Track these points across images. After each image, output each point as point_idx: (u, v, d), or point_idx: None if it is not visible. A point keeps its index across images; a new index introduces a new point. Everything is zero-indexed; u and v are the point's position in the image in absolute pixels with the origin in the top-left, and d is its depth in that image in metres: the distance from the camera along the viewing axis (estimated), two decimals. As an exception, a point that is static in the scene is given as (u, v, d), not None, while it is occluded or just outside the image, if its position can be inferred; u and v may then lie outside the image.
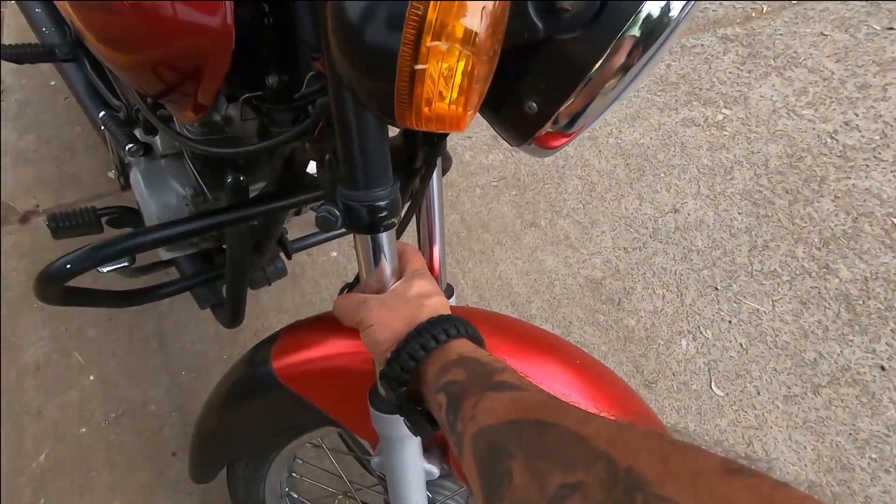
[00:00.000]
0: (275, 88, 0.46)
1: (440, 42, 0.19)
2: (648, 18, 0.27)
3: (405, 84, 0.21)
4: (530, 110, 0.32)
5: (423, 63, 0.20)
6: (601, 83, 0.30)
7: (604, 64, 0.29)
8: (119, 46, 0.45)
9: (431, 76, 0.20)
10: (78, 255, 0.52)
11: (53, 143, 1.52)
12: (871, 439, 1.09)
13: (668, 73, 1.68)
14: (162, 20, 0.40)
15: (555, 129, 0.34)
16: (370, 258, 0.40)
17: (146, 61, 0.44)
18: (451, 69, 0.20)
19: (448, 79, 0.20)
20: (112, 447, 1.07)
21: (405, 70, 0.20)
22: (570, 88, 0.30)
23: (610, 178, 1.46)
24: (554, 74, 0.30)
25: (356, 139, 0.33)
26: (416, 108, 0.22)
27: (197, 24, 0.39)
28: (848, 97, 1.62)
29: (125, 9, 0.41)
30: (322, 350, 0.55)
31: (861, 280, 1.28)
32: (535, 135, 0.34)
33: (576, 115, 0.32)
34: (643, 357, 1.18)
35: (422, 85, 0.21)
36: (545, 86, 0.31)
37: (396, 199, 0.37)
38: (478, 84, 0.22)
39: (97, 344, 1.19)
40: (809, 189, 1.43)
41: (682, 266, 1.31)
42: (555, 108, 0.31)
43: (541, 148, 0.36)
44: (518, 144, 0.36)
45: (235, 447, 0.66)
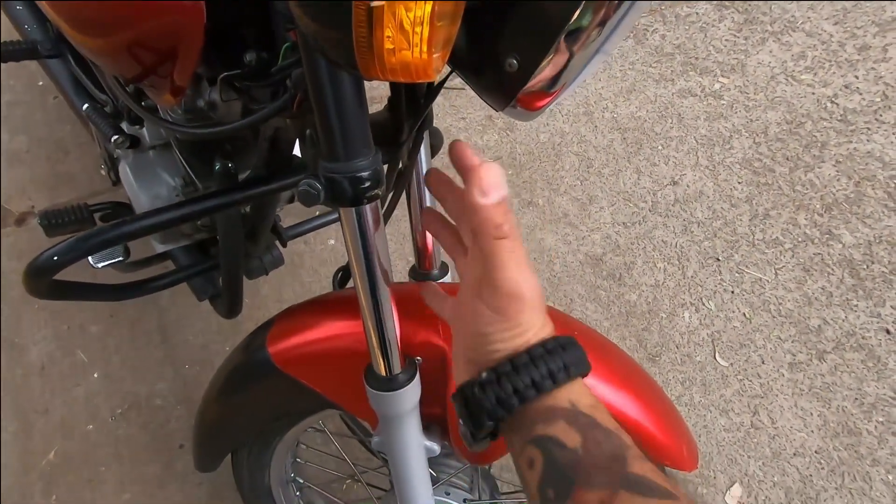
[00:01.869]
0: (253, 65, 0.44)
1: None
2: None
3: (363, 27, 0.20)
4: (511, 68, 0.31)
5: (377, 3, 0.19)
6: (580, 36, 0.29)
7: (581, 15, 0.28)
8: (91, 31, 0.44)
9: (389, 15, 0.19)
10: (63, 246, 0.51)
11: (45, 142, 1.51)
12: (877, 403, 1.08)
13: (664, 44, 1.65)
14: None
15: (538, 88, 0.33)
16: (356, 234, 0.39)
17: (119, 44, 0.43)
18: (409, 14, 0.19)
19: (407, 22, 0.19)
20: (120, 441, 1.08)
21: (362, 10, 0.19)
22: (550, 42, 0.29)
23: (607, 153, 1.45)
24: (532, 29, 0.29)
25: (333, 107, 0.32)
26: (377, 54, 0.21)
27: (167, 1, 0.38)
28: (847, 60, 1.58)
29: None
30: (317, 333, 0.55)
31: (864, 244, 1.27)
32: (517, 94, 0.33)
33: (557, 71, 0.31)
34: (646, 331, 1.18)
35: (381, 27, 0.19)
36: (524, 42, 0.30)
37: (379, 169, 0.36)
38: (442, 22, 0.21)
39: (100, 341, 1.20)
40: (810, 155, 1.41)
41: (683, 238, 1.30)
42: (535, 64, 0.30)
43: (525, 109, 0.35)
44: (502, 107, 0.35)
45: (237, 435, 0.66)
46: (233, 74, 0.45)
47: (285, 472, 0.74)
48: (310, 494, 0.80)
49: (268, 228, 0.83)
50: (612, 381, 0.52)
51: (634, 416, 0.52)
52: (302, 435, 0.70)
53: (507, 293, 0.32)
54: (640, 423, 0.52)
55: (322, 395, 0.56)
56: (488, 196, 0.31)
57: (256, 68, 0.44)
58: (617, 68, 1.60)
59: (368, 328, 0.43)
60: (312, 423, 0.66)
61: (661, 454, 0.53)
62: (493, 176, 0.31)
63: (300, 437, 0.71)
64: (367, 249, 0.39)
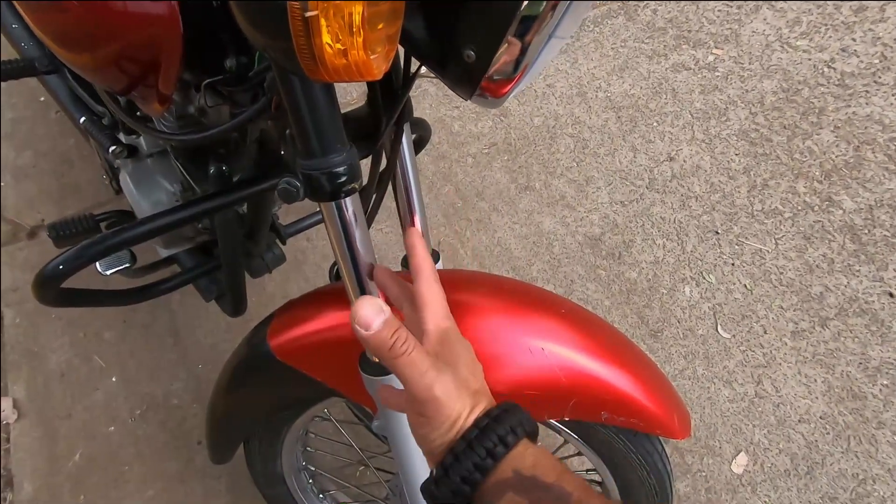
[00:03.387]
0: (234, 71, 0.46)
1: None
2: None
3: (302, 36, 0.21)
4: (469, 59, 0.32)
5: (312, 10, 0.20)
6: (532, 23, 0.30)
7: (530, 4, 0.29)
8: (75, 46, 0.46)
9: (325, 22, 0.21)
10: (69, 254, 0.54)
11: (50, 156, 1.54)
12: (882, 366, 1.08)
13: (655, 19, 1.64)
14: (110, 13, 0.41)
15: (499, 76, 0.34)
16: (338, 227, 0.41)
17: (102, 58, 0.45)
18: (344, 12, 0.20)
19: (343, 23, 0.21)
20: (140, 441, 1.12)
21: (297, 20, 0.20)
22: (502, 31, 0.30)
23: (602, 132, 1.45)
24: (485, 19, 0.30)
25: (304, 107, 0.34)
26: (319, 59, 0.22)
27: (143, 14, 0.40)
28: (844, 22, 1.56)
29: (73, 6, 0.41)
30: (314, 325, 0.57)
31: (865, 209, 1.26)
32: (479, 83, 0.34)
33: (515, 58, 0.32)
34: (647, 308, 1.19)
35: (319, 34, 0.21)
36: (479, 32, 0.31)
37: (354, 164, 0.38)
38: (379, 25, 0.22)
39: (115, 346, 1.23)
40: (808, 122, 1.40)
41: (681, 214, 1.30)
42: (492, 54, 0.31)
43: (491, 97, 0.36)
44: (469, 96, 0.37)
45: (246, 426, 0.69)
46: (215, 80, 0.47)
47: (296, 460, 0.77)
48: (321, 481, 0.83)
49: (266, 227, 0.85)
50: (602, 356, 0.54)
51: (624, 389, 0.54)
52: (310, 424, 0.73)
53: (421, 401, 0.35)
54: (631, 395, 0.54)
55: (323, 384, 0.58)
56: (369, 328, 0.34)
57: (237, 73, 0.46)
58: (609, 46, 1.59)
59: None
60: (318, 412, 0.68)
61: (652, 424, 0.55)
62: (367, 308, 0.34)
63: (308, 426, 0.74)
64: (349, 241, 0.41)
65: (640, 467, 0.60)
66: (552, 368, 0.51)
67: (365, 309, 0.34)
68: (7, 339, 1.25)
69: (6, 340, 1.25)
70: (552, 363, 0.51)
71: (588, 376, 0.52)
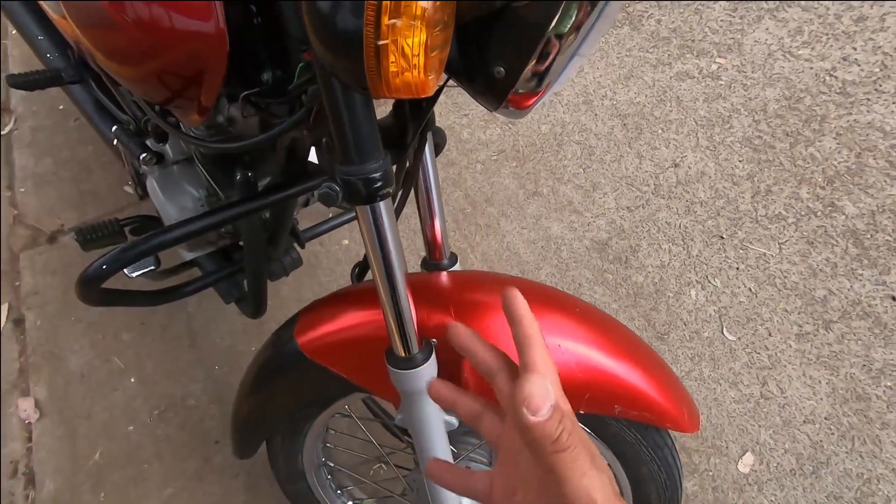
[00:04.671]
0: (270, 83, 0.49)
1: (396, 20, 0.23)
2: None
3: (373, 60, 0.24)
4: (499, 75, 0.35)
5: (384, 39, 0.23)
6: (559, 40, 0.33)
7: (560, 23, 0.32)
8: (125, 61, 0.49)
9: (393, 50, 0.24)
10: (110, 256, 0.57)
11: (70, 163, 1.58)
12: (885, 368, 1.11)
13: (659, 29, 1.67)
14: (161, 31, 0.44)
15: (524, 90, 0.37)
16: (372, 229, 0.44)
17: (151, 72, 0.48)
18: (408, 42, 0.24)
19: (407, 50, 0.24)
20: (159, 441, 1.15)
21: (371, 47, 0.24)
22: (531, 50, 0.33)
23: (608, 139, 1.48)
24: (514, 39, 0.33)
25: (346, 119, 0.37)
26: (384, 79, 0.25)
27: (193, 31, 0.43)
28: (845, 32, 1.59)
29: (127, 25, 0.45)
30: (340, 323, 0.60)
31: (868, 214, 1.29)
32: (506, 97, 0.37)
33: (541, 73, 0.35)
34: (654, 311, 1.21)
35: (386, 58, 0.24)
36: (508, 51, 0.34)
37: (389, 170, 0.41)
38: (434, 52, 0.25)
39: (134, 347, 1.27)
40: (810, 129, 1.43)
41: (687, 219, 1.33)
42: (520, 70, 0.34)
43: (516, 109, 0.39)
44: (494, 108, 0.40)
45: (271, 422, 0.72)
46: (253, 92, 0.50)
47: (317, 456, 0.79)
48: (340, 477, 0.86)
49: (286, 232, 0.88)
50: (614, 353, 0.57)
51: (636, 384, 0.56)
52: (330, 421, 0.76)
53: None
54: (643, 390, 0.57)
55: (348, 380, 0.61)
56: (539, 412, 0.28)
57: (274, 86, 0.49)
58: (614, 55, 1.63)
59: (387, 313, 0.48)
60: (339, 408, 0.71)
61: (663, 418, 0.57)
62: (537, 388, 0.29)
63: (329, 423, 0.77)
64: (382, 242, 0.44)
65: (651, 461, 0.63)
66: (568, 364, 0.54)
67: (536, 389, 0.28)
68: (29, 340, 1.29)
69: (28, 342, 1.28)
70: (568, 359, 0.54)
71: (602, 372, 0.55)
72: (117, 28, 0.45)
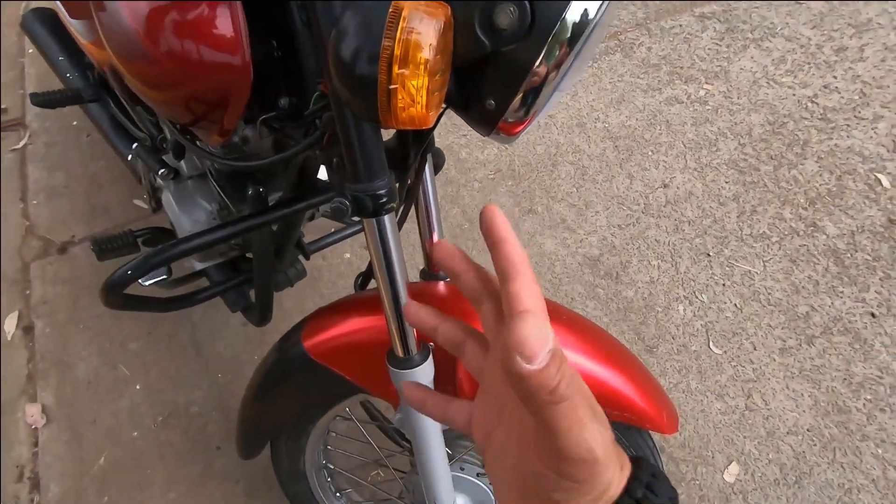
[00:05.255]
0: (286, 109, 0.55)
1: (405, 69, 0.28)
2: (568, 27, 0.36)
3: (384, 99, 0.29)
4: (490, 107, 0.41)
5: (395, 84, 0.29)
6: (541, 79, 0.39)
7: (539, 65, 0.38)
8: (158, 87, 0.55)
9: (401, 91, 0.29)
10: (135, 263, 0.62)
11: (81, 178, 1.64)
12: (865, 382, 1.15)
13: (650, 56, 1.75)
14: (192, 63, 0.50)
15: (513, 119, 0.43)
16: (377, 240, 0.49)
17: (181, 97, 0.54)
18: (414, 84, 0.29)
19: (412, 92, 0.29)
20: (163, 446, 1.18)
21: (383, 90, 0.29)
22: (517, 87, 0.38)
23: (600, 160, 1.54)
24: (503, 78, 0.39)
25: (356, 144, 0.42)
26: (393, 114, 0.30)
27: (222, 63, 0.49)
28: (826, 61, 1.67)
29: (162, 57, 0.50)
30: (345, 327, 0.64)
31: (848, 234, 1.34)
32: (497, 126, 0.43)
33: (526, 106, 0.41)
34: (643, 324, 1.26)
35: (395, 98, 0.29)
36: (498, 87, 0.39)
37: (393, 188, 0.46)
38: (434, 93, 0.31)
39: (140, 356, 1.30)
40: (793, 153, 1.50)
41: (675, 237, 1.38)
42: (508, 104, 0.40)
43: (505, 135, 0.45)
44: (486, 134, 0.45)
45: (276, 423, 0.76)
46: (270, 116, 0.56)
47: (318, 458, 0.83)
48: (339, 480, 0.89)
49: (293, 244, 0.93)
50: (598, 358, 0.61)
51: (618, 387, 0.61)
52: (332, 423, 0.80)
53: (576, 459, 0.26)
54: (624, 392, 0.61)
55: (351, 382, 0.65)
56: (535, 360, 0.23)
57: (289, 111, 0.55)
58: (607, 81, 1.70)
59: (389, 316, 0.53)
60: (341, 410, 0.75)
61: (643, 419, 0.61)
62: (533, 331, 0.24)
63: (330, 426, 0.81)
64: (386, 252, 0.49)
65: (634, 462, 0.67)
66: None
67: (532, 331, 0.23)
68: (38, 348, 1.32)
69: (37, 349, 1.32)
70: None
71: (587, 374, 0.59)
72: (153, 60, 0.51)
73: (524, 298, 0.27)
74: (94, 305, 1.38)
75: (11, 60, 1.97)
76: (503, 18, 0.34)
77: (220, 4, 0.48)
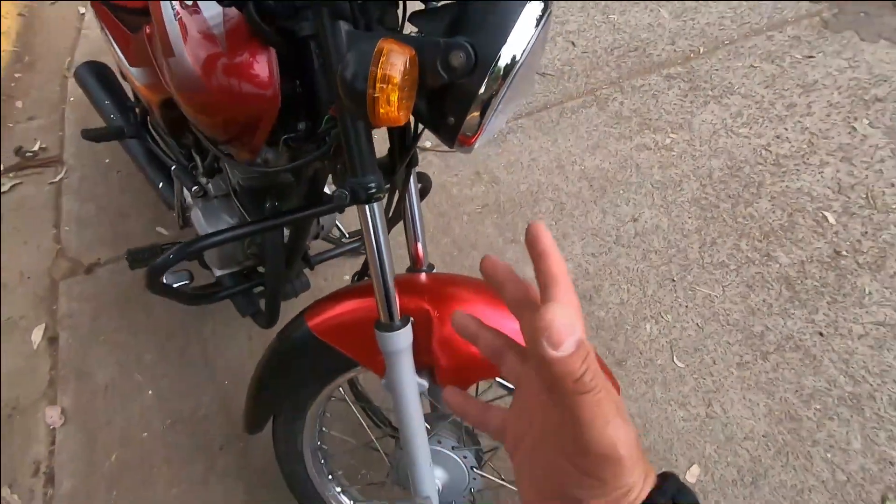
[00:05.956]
0: (303, 131, 0.72)
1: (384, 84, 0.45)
2: (501, 67, 0.53)
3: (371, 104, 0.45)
4: (451, 123, 0.57)
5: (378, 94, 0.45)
6: (485, 102, 0.55)
7: (483, 92, 0.54)
8: (209, 113, 0.72)
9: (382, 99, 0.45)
10: (176, 250, 0.77)
11: (109, 209, 1.82)
12: (815, 393, 1.26)
13: (622, 109, 1.97)
14: (236, 95, 0.67)
15: (469, 133, 0.59)
16: (368, 224, 0.64)
17: (226, 120, 0.71)
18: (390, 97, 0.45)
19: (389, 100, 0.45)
20: (170, 447, 1.27)
21: (371, 98, 0.45)
22: (468, 107, 0.55)
23: (577, 198, 1.72)
24: (458, 101, 0.55)
25: (355, 145, 0.59)
26: (376, 114, 0.46)
27: (257, 95, 0.66)
28: (778, 115, 1.88)
29: (213, 88, 0.68)
30: (343, 308, 0.78)
31: (798, 263, 1.49)
32: (456, 137, 0.59)
33: (476, 122, 0.57)
34: (613, 340, 1.38)
35: (378, 104, 0.45)
36: (455, 108, 0.56)
37: (380, 183, 0.62)
38: (403, 101, 0.47)
39: (153, 367, 1.42)
40: (749, 193, 1.67)
41: (643, 264, 1.53)
42: (462, 120, 0.56)
43: (464, 145, 0.61)
44: (451, 146, 0.61)
45: (280, 398, 0.87)
46: (290, 137, 0.73)
47: (313, 439, 0.94)
48: (331, 463, 0.99)
49: (300, 255, 1.08)
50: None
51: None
52: (327, 405, 0.92)
53: (599, 455, 0.26)
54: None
55: (347, 356, 0.78)
56: (561, 347, 0.24)
57: (305, 132, 0.72)
58: (584, 130, 1.91)
59: (377, 287, 0.67)
60: (336, 388, 0.87)
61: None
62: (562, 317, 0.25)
63: (326, 407, 0.93)
64: (375, 234, 0.64)
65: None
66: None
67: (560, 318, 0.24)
68: (61, 356, 1.44)
69: (60, 358, 1.44)
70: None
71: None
72: (207, 92, 0.68)
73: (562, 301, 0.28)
74: (114, 321, 1.51)
75: (54, 106, 2.21)
76: (455, 60, 0.51)
77: (259, 52, 0.66)
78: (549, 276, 0.29)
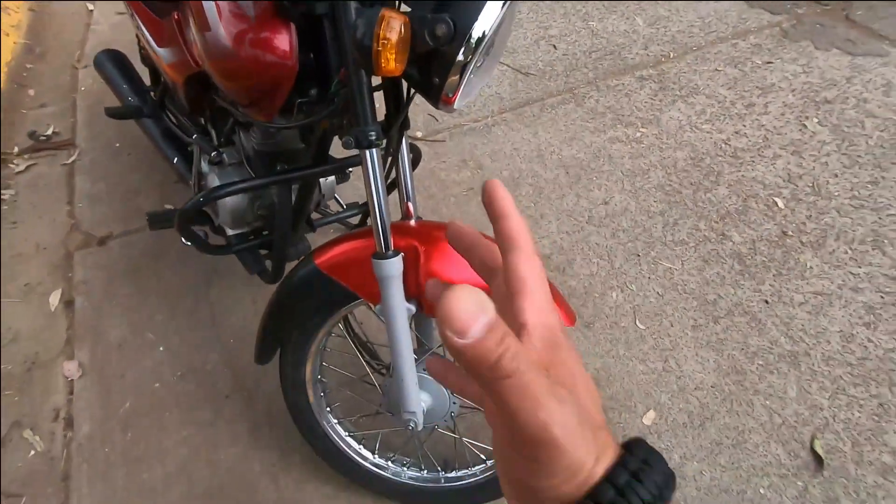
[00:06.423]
0: (315, 95, 0.87)
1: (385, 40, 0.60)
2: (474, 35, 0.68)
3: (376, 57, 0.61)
4: (436, 84, 0.73)
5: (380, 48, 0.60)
6: (462, 66, 0.70)
7: (462, 58, 0.70)
8: (237, 79, 0.87)
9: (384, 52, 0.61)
10: (204, 193, 0.91)
11: (119, 187, 1.94)
12: (758, 351, 1.42)
13: (597, 106, 2.15)
14: (261, 63, 0.82)
15: (451, 94, 0.74)
16: (368, 166, 0.78)
17: (250, 86, 0.86)
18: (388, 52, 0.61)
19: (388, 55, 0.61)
20: (179, 395, 1.40)
21: (375, 52, 0.60)
22: (448, 69, 0.70)
23: (554, 183, 1.88)
24: (441, 65, 0.71)
25: (359, 103, 0.74)
26: (379, 65, 0.62)
27: (279, 63, 0.81)
28: (738, 113, 2.07)
29: (241, 55, 0.83)
30: (345, 247, 0.93)
31: (749, 242, 1.66)
32: (441, 97, 0.74)
33: (456, 84, 0.73)
34: (583, 306, 1.54)
35: (380, 57, 0.61)
36: (439, 70, 0.71)
37: (379, 132, 0.77)
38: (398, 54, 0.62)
39: (164, 326, 1.55)
40: (709, 181, 1.85)
41: (612, 241, 1.69)
42: (444, 80, 0.71)
43: (447, 104, 0.76)
44: (436, 105, 0.77)
45: (288, 329, 1.01)
46: (304, 101, 0.88)
47: (315, 371, 1.08)
48: (329, 396, 1.13)
49: (304, 217, 1.23)
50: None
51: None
52: (328, 340, 1.06)
53: (532, 442, 0.24)
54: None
55: (348, 289, 0.92)
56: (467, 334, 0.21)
57: (316, 96, 0.87)
58: (561, 123, 2.08)
59: (375, 221, 0.82)
60: (337, 322, 1.01)
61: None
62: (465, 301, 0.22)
63: (327, 343, 1.06)
64: (374, 176, 0.79)
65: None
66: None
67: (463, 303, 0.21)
68: (77, 318, 1.56)
69: (76, 319, 1.56)
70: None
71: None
72: (237, 59, 0.83)
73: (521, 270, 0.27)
74: (127, 287, 1.64)
75: (65, 95, 2.34)
76: (439, 30, 0.66)
77: (282, 28, 0.81)
78: (508, 239, 0.29)
